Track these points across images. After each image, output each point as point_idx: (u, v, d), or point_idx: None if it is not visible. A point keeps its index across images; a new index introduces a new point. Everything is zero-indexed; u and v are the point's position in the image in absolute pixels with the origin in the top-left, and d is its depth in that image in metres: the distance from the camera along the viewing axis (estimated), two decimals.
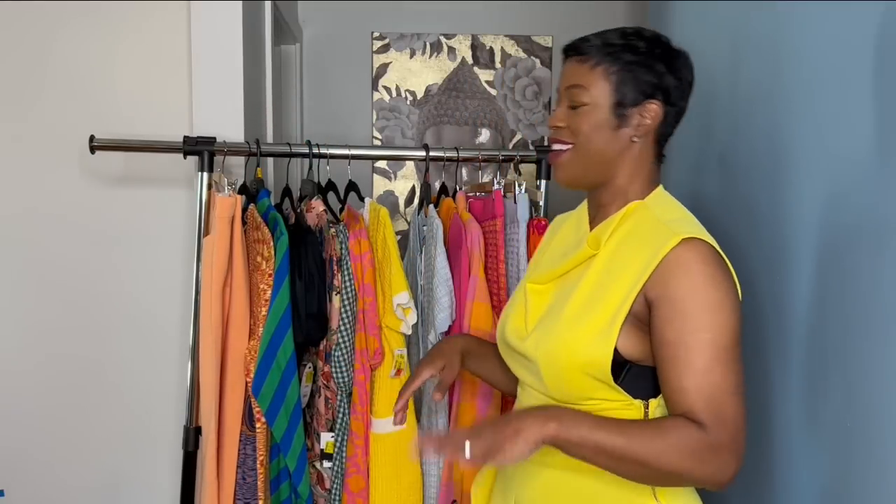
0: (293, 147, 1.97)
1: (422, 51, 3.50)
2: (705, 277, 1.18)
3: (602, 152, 1.30)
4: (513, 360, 1.40)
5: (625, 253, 1.26)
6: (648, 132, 1.31)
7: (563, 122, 1.33)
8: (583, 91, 1.30)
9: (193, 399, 1.90)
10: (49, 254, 2.14)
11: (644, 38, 1.31)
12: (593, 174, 1.32)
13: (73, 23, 2.11)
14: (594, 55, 1.30)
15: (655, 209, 1.31)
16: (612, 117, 1.29)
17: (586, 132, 1.30)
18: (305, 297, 1.84)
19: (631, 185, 1.33)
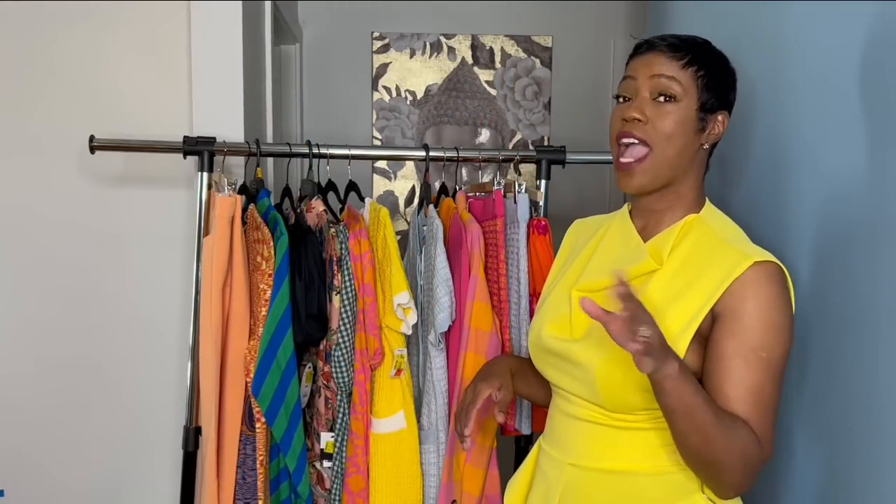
0: (293, 147, 1.97)
1: (422, 51, 3.50)
2: (772, 298, 1.20)
3: (679, 155, 1.28)
4: (551, 366, 1.38)
5: (692, 270, 1.25)
6: (715, 141, 1.32)
7: (644, 115, 1.27)
8: (674, 84, 1.26)
9: (193, 399, 1.90)
10: (49, 254, 2.14)
11: (715, 49, 1.33)
12: (664, 179, 1.30)
13: (73, 23, 2.11)
14: (685, 54, 1.27)
15: (713, 225, 1.30)
16: (696, 119, 1.28)
17: (670, 129, 1.26)
18: (305, 297, 1.84)
19: (690, 192, 1.32)
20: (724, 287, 1.20)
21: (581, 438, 1.31)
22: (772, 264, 1.22)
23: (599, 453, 1.29)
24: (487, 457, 1.87)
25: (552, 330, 1.36)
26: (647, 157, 1.27)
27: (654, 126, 1.26)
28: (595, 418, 1.29)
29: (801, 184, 1.44)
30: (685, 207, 1.32)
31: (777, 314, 1.19)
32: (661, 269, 1.28)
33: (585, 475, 1.31)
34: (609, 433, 1.28)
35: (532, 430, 1.93)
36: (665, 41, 1.29)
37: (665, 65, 1.27)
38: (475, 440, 1.48)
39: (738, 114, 1.73)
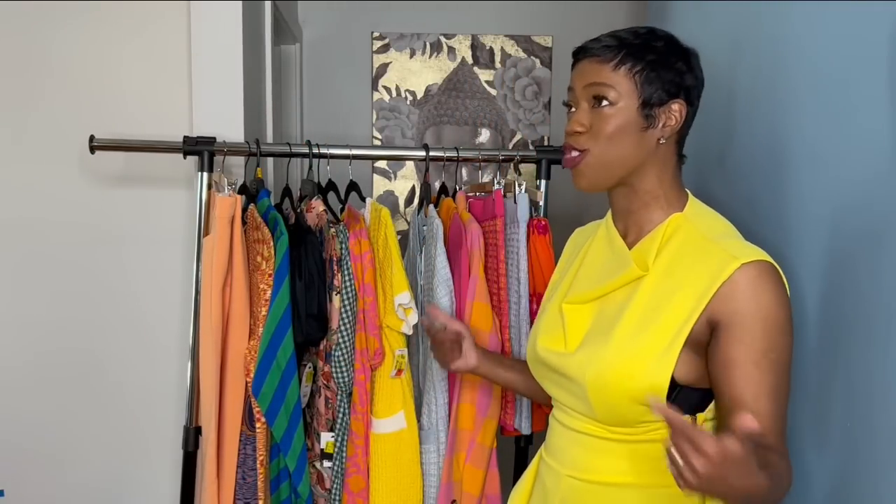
0: (293, 147, 1.97)
1: (422, 51, 3.50)
2: (770, 298, 1.17)
3: (626, 155, 1.26)
4: (548, 380, 1.37)
5: (678, 274, 1.23)
6: (673, 133, 1.28)
7: (584, 126, 1.27)
8: (607, 89, 1.24)
9: (193, 399, 1.90)
10: (49, 254, 2.14)
11: (659, 36, 1.29)
12: (615, 178, 1.28)
13: (73, 23, 2.11)
14: (615, 55, 1.25)
15: (699, 223, 1.27)
16: (640, 118, 1.25)
17: (611, 133, 1.25)
18: (305, 297, 1.84)
19: (661, 189, 1.29)
20: (714, 290, 1.17)
21: (579, 450, 1.31)
22: (762, 263, 1.18)
23: (597, 466, 1.27)
24: (487, 457, 1.87)
25: (546, 343, 1.35)
26: (585, 156, 1.27)
27: (594, 132, 1.26)
28: (592, 431, 1.28)
29: (802, 183, 1.44)
30: (664, 206, 1.29)
31: (778, 313, 1.17)
32: (648, 275, 1.25)
33: (583, 487, 1.29)
34: (606, 446, 1.27)
35: (532, 429, 1.93)
36: (599, 43, 1.27)
37: (597, 71, 1.26)
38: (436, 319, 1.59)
39: (738, 114, 1.74)
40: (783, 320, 1.18)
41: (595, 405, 1.24)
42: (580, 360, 1.26)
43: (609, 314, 1.27)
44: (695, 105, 1.31)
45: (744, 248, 1.21)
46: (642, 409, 1.20)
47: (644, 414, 1.21)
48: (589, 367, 1.24)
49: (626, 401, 1.21)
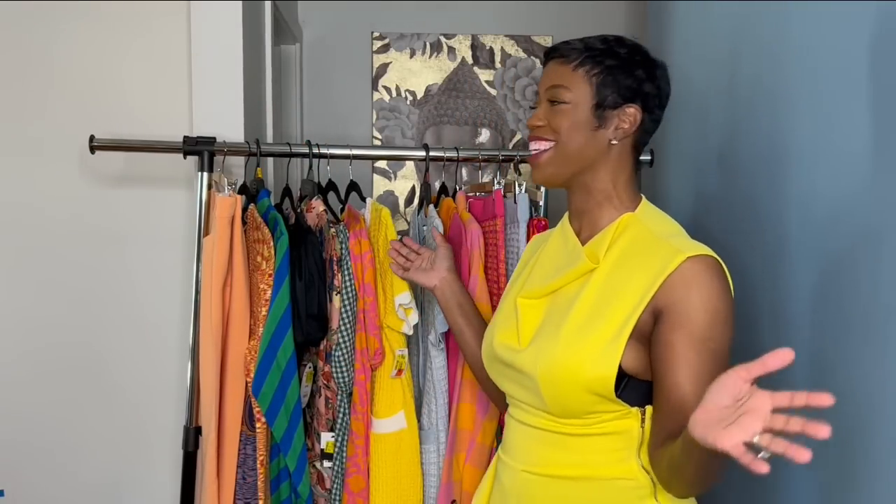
0: (293, 147, 1.97)
1: (422, 51, 3.50)
2: (713, 290, 1.20)
3: (581, 152, 1.32)
4: (502, 375, 1.40)
5: (626, 268, 1.26)
6: (626, 136, 1.33)
7: (542, 121, 1.35)
8: (564, 91, 1.32)
9: (193, 399, 1.90)
10: (49, 254, 2.14)
11: (625, 45, 1.34)
12: (571, 174, 1.34)
13: (73, 23, 2.11)
14: (576, 57, 1.32)
15: (649, 223, 1.32)
16: (592, 118, 1.31)
17: (566, 130, 1.32)
18: (305, 297, 1.84)
19: (614, 190, 1.34)
20: (660, 282, 1.21)
21: (533, 445, 1.32)
22: (708, 257, 1.22)
23: (551, 460, 1.29)
24: (487, 457, 1.87)
25: (502, 339, 1.38)
26: (549, 150, 1.34)
27: (552, 128, 1.33)
28: (546, 425, 1.30)
29: (802, 183, 1.44)
30: (617, 206, 1.34)
31: (720, 304, 1.20)
32: (598, 269, 1.29)
33: (538, 482, 1.31)
34: (560, 440, 1.29)
35: None
36: (566, 46, 1.34)
37: (557, 74, 1.34)
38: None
39: (738, 114, 1.74)
40: (724, 312, 1.20)
41: (547, 398, 1.27)
42: (531, 355, 1.29)
43: (560, 308, 1.31)
44: (654, 114, 1.35)
45: (690, 244, 1.25)
46: (593, 399, 1.23)
47: (595, 404, 1.24)
48: (539, 361, 1.27)
49: (577, 392, 1.24)
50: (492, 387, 1.51)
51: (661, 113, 1.37)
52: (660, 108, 1.36)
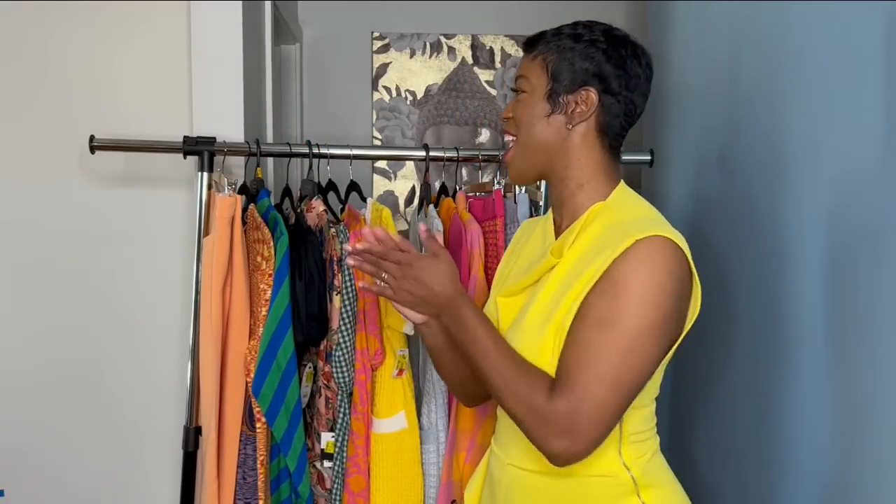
0: (293, 147, 1.97)
1: (422, 51, 3.50)
2: (640, 265, 1.17)
3: (540, 142, 1.31)
4: None
5: (586, 259, 1.24)
6: (583, 120, 1.29)
7: (508, 113, 1.36)
8: (524, 81, 1.33)
9: (193, 399, 1.90)
10: (49, 254, 2.14)
11: (589, 28, 1.34)
12: (539, 166, 1.33)
13: (73, 22, 2.11)
14: (537, 47, 1.33)
15: (619, 211, 1.28)
16: (545, 103, 1.30)
17: (524, 120, 1.32)
18: (306, 297, 1.84)
19: (584, 177, 1.30)
20: (607, 265, 1.19)
21: (520, 440, 1.30)
22: (657, 237, 1.18)
23: (534, 455, 1.27)
24: None
25: None
26: (514, 147, 1.35)
27: (515, 120, 1.34)
28: None
29: (802, 183, 1.44)
30: (589, 194, 1.30)
31: (639, 282, 1.16)
32: (562, 261, 1.28)
33: (524, 476, 1.32)
34: None
35: None
36: (533, 36, 1.36)
37: (522, 65, 1.36)
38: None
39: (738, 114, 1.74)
40: (641, 290, 1.17)
41: None
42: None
43: (527, 304, 1.31)
44: (621, 95, 1.29)
45: (647, 227, 1.21)
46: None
47: None
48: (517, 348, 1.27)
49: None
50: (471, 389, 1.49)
51: (634, 95, 1.30)
52: (627, 89, 1.29)
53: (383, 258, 1.30)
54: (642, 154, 2.06)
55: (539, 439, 1.19)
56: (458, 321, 1.28)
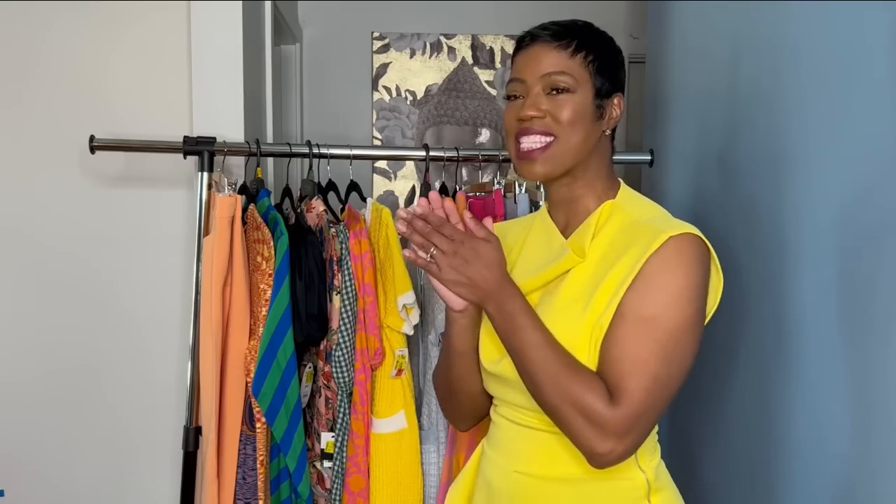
0: (293, 147, 1.97)
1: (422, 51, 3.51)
2: (676, 264, 1.17)
3: (583, 144, 1.25)
4: (493, 382, 1.34)
5: (611, 257, 1.23)
6: (615, 125, 1.30)
7: (540, 111, 1.24)
8: (566, 77, 1.24)
9: (193, 399, 1.90)
10: (49, 254, 2.14)
11: (598, 30, 1.31)
12: (567, 167, 1.27)
13: (73, 22, 2.11)
14: (568, 42, 1.25)
15: (632, 210, 1.28)
16: (594, 108, 1.26)
17: (570, 121, 1.23)
18: (305, 297, 1.84)
19: (599, 178, 1.30)
20: (641, 264, 1.17)
21: (527, 446, 1.29)
22: (690, 235, 1.19)
23: (545, 461, 1.26)
24: None
25: (488, 353, 1.32)
26: (551, 145, 1.24)
27: (554, 117, 1.24)
28: (539, 426, 1.26)
29: (802, 183, 1.44)
30: (598, 195, 1.29)
31: (673, 278, 1.16)
32: (584, 262, 1.25)
33: (531, 483, 1.28)
34: (554, 440, 1.25)
35: None
36: (548, 30, 1.27)
37: (553, 58, 1.24)
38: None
39: (738, 114, 1.74)
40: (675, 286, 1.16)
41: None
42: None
43: (547, 305, 1.26)
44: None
45: (673, 223, 1.22)
46: None
47: None
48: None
49: None
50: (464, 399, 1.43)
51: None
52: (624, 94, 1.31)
53: (437, 230, 1.21)
54: (642, 154, 2.07)
55: (586, 440, 1.15)
56: (506, 309, 1.19)
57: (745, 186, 1.69)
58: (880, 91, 1.18)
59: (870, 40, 1.22)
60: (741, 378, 1.70)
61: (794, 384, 1.45)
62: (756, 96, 1.64)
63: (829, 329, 1.32)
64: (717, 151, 1.86)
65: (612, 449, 1.14)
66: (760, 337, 1.59)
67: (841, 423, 1.28)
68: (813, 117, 1.40)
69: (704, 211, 1.94)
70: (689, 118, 2.07)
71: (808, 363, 1.40)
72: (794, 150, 1.47)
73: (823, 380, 1.35)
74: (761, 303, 1.59)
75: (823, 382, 1.34)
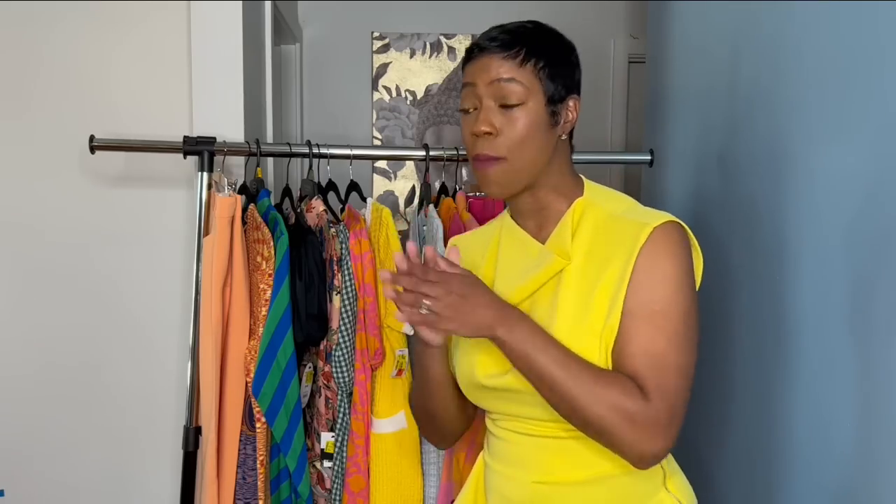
0: (293, 147, 1.97)
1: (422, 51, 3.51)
2: (667, 254, 1.18)
3: (538, 156, 1.24)
4: (494, 398, 1.31)
5: (598, 256, 1.22)
6: (572, 127, 1.29)
7: (493, 127, 1.22)
8: (516, 86, 1.21)
9: (193, 399, 1.90)
10: (49, 254, 2.14)
11: (549, 30, 1.29)
12: (525, 182, 1.25)
13: (73, 22, 2.11)
14: (517, 50, 1.23)
15: (604, 204, 1.28)
16: (547, 116, 1.24)
17: (522, 136, 1.21)
18: (305, 297, 1.84)
19: (562, 180, 1.28)
20: (634, 259, 1.18)
21: (547, 456, 1.27)
22: (672, 223, 1.20)
23: (567, 467, 1.25)
24: None
25: (486, 369, 1.28)
26: (501, 165, 1.23)
27: (506, 135, 1.22)
28: (556, 434, 1.25)
29: (802, 183, 1.44)
30: (566, 196, 1.28)
31: (670, 267, 1.18)
32: (570, 265, 1.24)
33: (554, 490, 1.27)
34: (573, 445, 1.24)
35: None
36: (495, 40, 1.24)
37: (502, 66, 1.22)
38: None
39: (738, 113, 1.74)
40: (673, 275, 1.18)
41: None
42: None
43: (543, 313, 1.24)
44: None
45: (653, 214, 1.23)
46: None
47: None
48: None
49: None
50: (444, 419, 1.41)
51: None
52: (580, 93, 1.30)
53: (424, 279, 1.14)
54: (642, 154, 2.07)
55: (636, 444, 1.13)
56: (517, 334, 1.15)
57: (745, 186, 1.69)
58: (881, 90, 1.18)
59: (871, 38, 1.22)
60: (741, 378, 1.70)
61: (794, 384, 1.45)
62: (756, 96, 1.64)
63: (830, 328, 1.32)
64: (717, 151, 1.86)
65: (662, 445, 1.14)
66: (761, 337, 1.59)
67: (842, 423, 1.28)
68: (813, 116, 1.40)
69: (704, 211, 1.94)
70: (690, 118, 2.07)
71: (808, 363, 1.40)
72: (794, 149, 1.47)
73: (824, 379, 1.35)
74: (762, 302, 1.59)
75: (824, 382, 1.34)
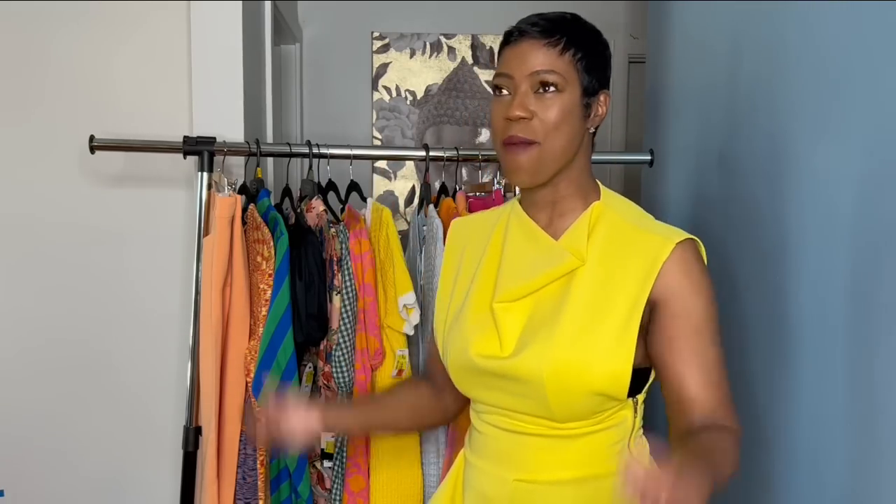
0: (293, 147, 1.97)
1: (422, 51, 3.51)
2: (700, 275, 1.21)
3: (569, 145, 1.23)
4: (483, 386, 1.29)
5: (614, 262, 1.22)
6: (600, 123, 1.29)
7: (528, 111, 1.21)
8: (555, 76, 1.21)
9: (193, 399, 1.90)
10: (49, 254, 2.14)
11: (588, 24, 1.28)
12: (554, 170, 1.25)
13: (73, 23, 2.11)
14: (558, 39, 1.22)
15: (620, 211, 1.28)
16: (581, 107, 1.24)
17: (556, 122, 1.21)
18: (305, 297, 1.84)
19: (582, 177, 1.28)
20: (656, 272, 1.18)
21: (529, 453, 1.26)
22: (691, 241, 1.22)
23: (550, 465, 1.24)
24: None
25: (480, 349, 1.26)
26: (535, 153, 1.22)
27: (541, 119, 1.22)
28: (542, 431, 1.24)
29: (802, 183, 1.44)
30: (581, 194, 1.28)
31: (708, 287, 1.21)
32: (584, 266, 1.23)
33: (535, 489, 1.26)
34: (558, 444, 1.24)
35: None
36: (537, 25, 1.24)
37: (541, 56, 1.21)
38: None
39: (738, 113, 1.74)
40: (710, 292, 1.22)
41: (553, 403, 1.21)
42: (529, 360, 1.21)
43: (547, 309, 1.23)
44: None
45: (669, 229, 1.25)
46: (600, 399, 1.21)
47: (601, 404, 1.21)
48: (544, 365, 1.19)
49: (586, 393, 1.20)
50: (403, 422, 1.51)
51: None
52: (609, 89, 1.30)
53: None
54: (642, 154, 2.06)
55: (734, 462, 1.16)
56: (708, 480, 0.99)
57: (745, 186, 1.68)
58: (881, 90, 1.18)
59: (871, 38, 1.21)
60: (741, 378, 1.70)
61: (794, 385, 1.45)
62: (757, 95, 1.64)
63: (831, 329, 1.32)
64: (717, 151, 1.86)
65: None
66: (761, 337, 1.59)
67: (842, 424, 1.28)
68: (814, 116, 1.40)
69: (704, 211, 1.94)
70: (690, 118, 2.07)
71: (809, 363, 1.40)
72: (794, 149, 1.47)
73: (824, 380, 1.34)
74: (762, 302, 1.59)
75: (824, 383, 1.34)
